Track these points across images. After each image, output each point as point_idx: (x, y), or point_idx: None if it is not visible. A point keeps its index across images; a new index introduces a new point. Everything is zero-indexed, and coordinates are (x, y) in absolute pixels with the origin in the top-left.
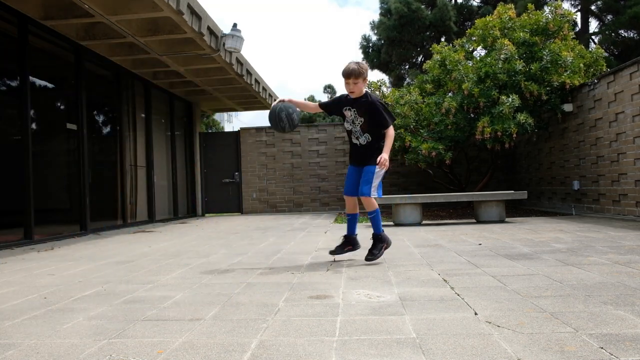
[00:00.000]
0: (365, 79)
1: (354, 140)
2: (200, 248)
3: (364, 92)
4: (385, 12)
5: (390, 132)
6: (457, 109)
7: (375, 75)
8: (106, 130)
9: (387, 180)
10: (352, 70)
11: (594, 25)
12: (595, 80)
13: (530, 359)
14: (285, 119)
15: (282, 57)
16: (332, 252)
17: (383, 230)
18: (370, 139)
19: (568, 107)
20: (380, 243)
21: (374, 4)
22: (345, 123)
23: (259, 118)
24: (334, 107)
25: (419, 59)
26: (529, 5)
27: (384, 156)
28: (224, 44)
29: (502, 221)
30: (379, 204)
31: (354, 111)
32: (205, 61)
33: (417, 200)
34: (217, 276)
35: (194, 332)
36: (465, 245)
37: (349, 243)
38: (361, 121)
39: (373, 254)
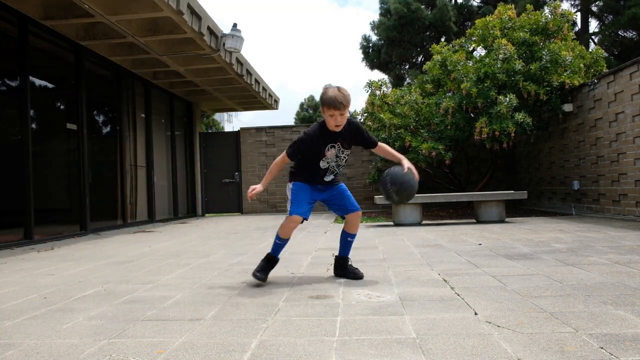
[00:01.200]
0: (349, 106)
1: (326, 178)
2: (200, 248)
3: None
4: (385, 12)
5: (383, 145)
6: (456, 109)
7: (375, 75)
8: (106, 130)
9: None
10: (340, 99)
11: (594, 25)
12: (595, 80)
13: (530, 359)
14: (389, 187)
15: (282, 57)
16: (257, 277)
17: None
18: (341, 170)
19: (568, 107)
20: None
21: (374, 4)
22: (320, 162)
23: (259, 118)
24: (311, 149)
25: (419, 59)
26: (528, 5)
27: (407, 164)
28: (224, 44)
29: (502, 221)
30: (379, 204)
31: (338, 145)
32: (205, 61)
33: (417, 200)
34: (217, 276)
35: (194, 332)
36: (465, 245)
37: (272, 265)
38: (347, 154)
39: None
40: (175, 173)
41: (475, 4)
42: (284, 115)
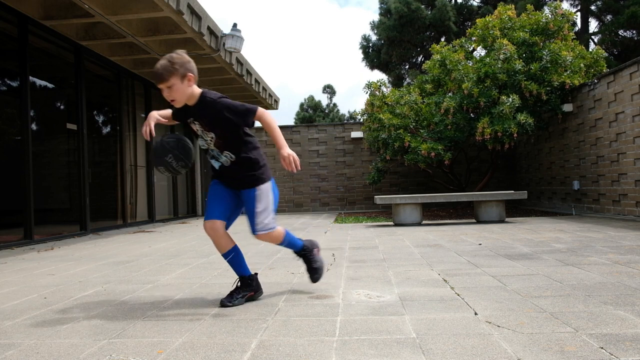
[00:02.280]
0: (185, 75)
1: (213, 163)
2: (200, 248)
3: (200, 93)
4: (385, 12)
5: (267, 118)
6: (457, 108)
7: (375, 76)
8: (106, 130)
9: (387, 180)
10: (157, 72)
11: (593, 25)
12: (595, 80)
13: (530, 359)
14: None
15: (283, 57)
16: (223, 304)
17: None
18: (233, 157)
19: (568, 107)
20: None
21: (374, 4)
22: (199, 139)
23: None
24: (179, 113)
25: (419, 59)
26: (528, 5)
27: (285, 152)
28: (224, 44)
29: (502, 221)
30: (380, 205)
31: (198, 124)
32: (205, 61)
33: (417, 200)
34: (217, 276)
35: (194, 332)
36: (465, 245)
37: (248, 286)
38: (212, 137)
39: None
40: None
41: (475, 4)
42: (284, 115)
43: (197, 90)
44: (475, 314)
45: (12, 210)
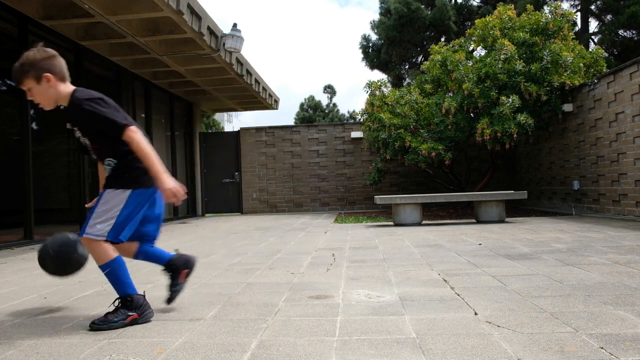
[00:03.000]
0: (40, 77)
1: (105, 170)
2: (200, 248)
3: (71, 93)
4: (385, 12)
5: (138, 141)
6: (457, 109)
7: (375, 75)
8: None
9: (387, 180)
10: (14, 73)
11: (593, 25)
12: (595, 80)
13: (530, 359)
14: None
15: (283, 57)
16: (169, 301)
17: (136, 293)
18: (115, 162)
19: (568, 107)
20: (125, 309)
21: (375, 4)
22: None
23: (259, 118)
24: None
25: (419, 59)
26: (528, 6)
27: (167, 185)
28: (224, 44)
29: (502, 221)
30: (380, 205)
31: (77, 128)
32: (205, 61)
33: (417, 200)
34: (217, 276)
35: (194, 332)
36: (465, 245)
37: (174, 268)
38: (87, 143)
39: (106, 321)
40: (175, 173)
41: (475, 4)
42: (284, 115)
43: (68, 89)
44: (475, 314)
45: (12, 210)
